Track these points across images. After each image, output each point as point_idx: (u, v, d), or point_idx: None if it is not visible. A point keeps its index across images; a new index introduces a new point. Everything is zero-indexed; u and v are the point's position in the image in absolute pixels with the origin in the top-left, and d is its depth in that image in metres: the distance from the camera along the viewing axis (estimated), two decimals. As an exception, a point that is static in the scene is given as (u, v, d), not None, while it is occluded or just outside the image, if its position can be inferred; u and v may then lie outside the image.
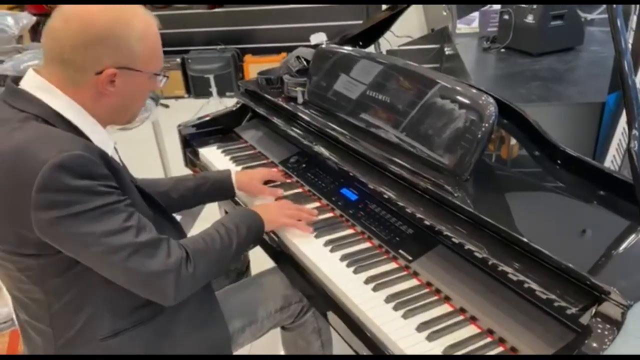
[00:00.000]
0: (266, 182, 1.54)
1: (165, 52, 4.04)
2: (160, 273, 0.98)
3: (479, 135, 1.12)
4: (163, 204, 1.33)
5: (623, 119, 2.13)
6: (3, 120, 0.96)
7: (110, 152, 1.05)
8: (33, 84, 0.99)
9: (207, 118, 1.93)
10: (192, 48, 4.75)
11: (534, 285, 0.95)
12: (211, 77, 4.12)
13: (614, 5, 0.97)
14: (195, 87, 4.61)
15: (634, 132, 0.97)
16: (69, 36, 0.96)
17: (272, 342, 1.72)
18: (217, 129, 1.95)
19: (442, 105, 1.22)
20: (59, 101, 0.99)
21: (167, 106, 4.52)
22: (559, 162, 1.31)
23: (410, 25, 3.26)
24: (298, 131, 1.61)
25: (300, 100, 1.67)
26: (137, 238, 0.97)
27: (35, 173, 0.88)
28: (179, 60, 4.60)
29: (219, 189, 1.47)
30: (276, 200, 1.46)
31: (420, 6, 3.10)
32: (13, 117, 0.96)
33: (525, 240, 0.97)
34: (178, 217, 2.36)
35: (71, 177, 0.90)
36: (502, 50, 3.10)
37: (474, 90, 1.17)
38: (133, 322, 1.08)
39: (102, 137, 1.04)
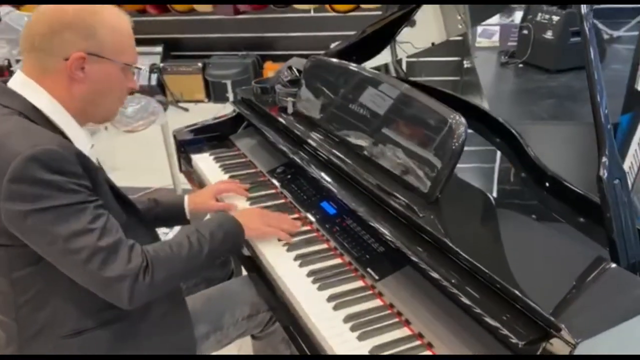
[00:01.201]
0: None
1: (187, 57, 4.08)
2: (117, 278, 0.98)
3: (448, 156, 1.09)
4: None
5: (636, 140, 2.05)
6: None
7: (86, 151, 1.06)
8: (17, 81, 1.05)
9: (204, 124, 1.94)
10: (214, 53, 4.81)
11: (488, 319, 0.90)
12: (228, 83, 4.16)
13: (585, 19, 0.92)
14: (215, 92, 4.67)
15: (604, 159, 0.93)
16: (39, 25, 1.02)
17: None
18: (214, 136, 1.96)
19: (414, 123, 1.19)
20: (38, 97, 1.03)
21: (186, 110, 4.58)
22: (546, 185, 1.28)
23: (430, 37, 3.20)
24: (284, 142, 1.59)
25: (290, 110, 1.66)
26: (99, 241, 0.97)
27: (9, 163, 0.92)
28: (200, 64, 4.66)
29: (171, 214, 1.46)
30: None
31: (440, 16, 3.04)
32: None
33: (483, 268, 0.93)
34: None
35: (42, 170, 0.93)
36: (520, 65, 3.04)
37: (447, 109, 1.13)
38: (97, 322, 1.09)
39: (79, 135, 1.07)
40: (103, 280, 0.98)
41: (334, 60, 1.55)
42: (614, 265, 0.91)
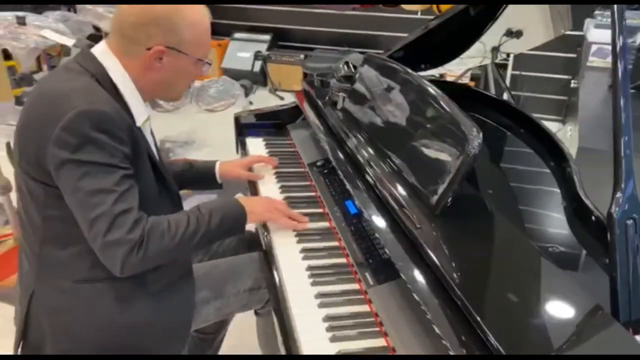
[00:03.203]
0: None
1: (293, 47, 4.24)
2: (115, 242, 1.04)
3: (455, 169, 1.02)
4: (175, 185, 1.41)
5: None
6: (68, 70, 1.15)
7: (139, 122, 1.17)
8: (99, 48, 1.17)
9: (264, 111, 2.00)
10: (318, 46, 4.90)
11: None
12: (322, 76, 4.22)
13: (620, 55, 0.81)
14: (311, 84, 4.75)
15: (618, 194, 0.81)
16: (131, 15, 1.13)
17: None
18: (274, 123, 2.00)
19: (434, 133, 1.14)
20: (113, 66, 1.15)
21: (282, 98, 4.73)
22: (584, 219, 1.16)
23: (535, 41, 2.94)
24: (325, 136, 1.59)
25: (339, 106, 1.65)
26: (114, 205, 1.04)
27: (66, 113, 1.02)
28: (302, 56, 4.77)
29: (202, 177, 1.54)
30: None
31: (549, 20, 2.72)
32: (75, 69, 1.14)
33: (462, 297, 0.85)
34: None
35: (90, 126, 1.03)
36: (632, 90, 2.75)
37: (469, 122, 1.05)
38: (108, 274, 1.12)
39: (138, 107, 1.18)
40: (103, 242, 1.05)
41: (385, 60, 1.52)
42: (609, 318, 0.80)
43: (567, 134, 3.15)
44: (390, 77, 1.41)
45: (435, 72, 3.56)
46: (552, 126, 3.91)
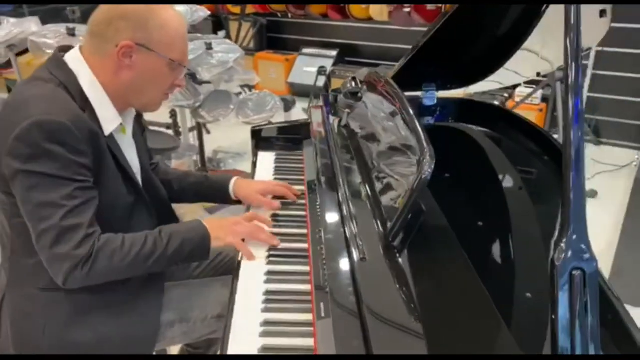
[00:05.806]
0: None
1: (359, 63, 4.23)
2: (60, 256, 1.04)
3: (408, 194, 0.91)
4: (163, 192, 1.40)
5: None
6: (34, 78, 1.14)
7: (108, 130, 1.14)
8: (71, 55, 1.16)
9: (280, 125, 1.96)
10: (382, 62, 4.82)
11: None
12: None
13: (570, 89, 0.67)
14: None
15: (562, 244, 0.67)
16: (101, 13, 1.13)
17: None
18: (292, 138, 1.95)
19: (399, 156, 1.03)
20: (83, 72, 1.13)
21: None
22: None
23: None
24: (321, 153, 1.52)
25: (343, 122, 1.58)
26: (62, 220, 1.03)
27: (21, 123, 1.02)
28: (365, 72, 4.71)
29: (217, 191, 1.48)
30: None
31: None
32: (43, 77, 1.11)
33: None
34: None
35: (43, 137, 1.01)
36: None
37: (426, 146, 0.93)
38: None
39: (108, 114, 1.15)
40: (49, 254, 1.05)
41: (376, 77, 1.42)
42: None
43: (632, 163, 2.82)
44: (376, 97, 1.32)
45: (491, 88, 3.35)
46: (629, 154, 3.53)
